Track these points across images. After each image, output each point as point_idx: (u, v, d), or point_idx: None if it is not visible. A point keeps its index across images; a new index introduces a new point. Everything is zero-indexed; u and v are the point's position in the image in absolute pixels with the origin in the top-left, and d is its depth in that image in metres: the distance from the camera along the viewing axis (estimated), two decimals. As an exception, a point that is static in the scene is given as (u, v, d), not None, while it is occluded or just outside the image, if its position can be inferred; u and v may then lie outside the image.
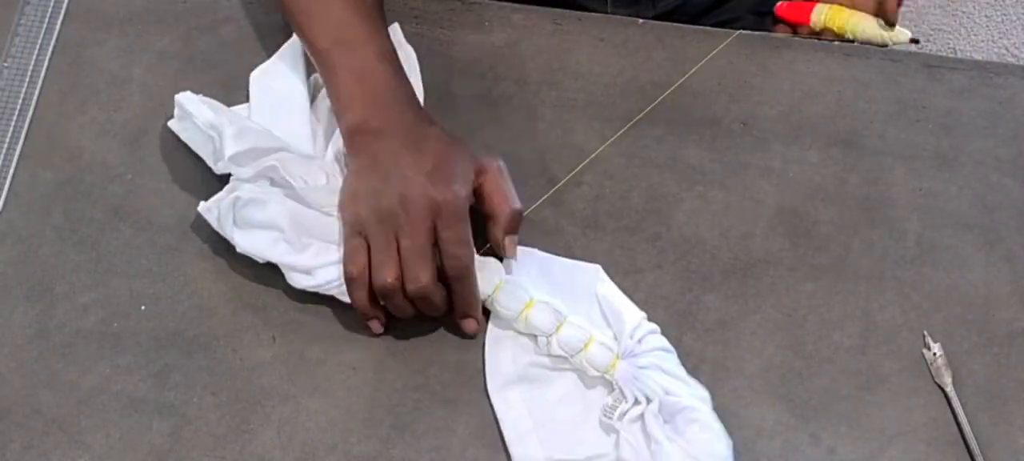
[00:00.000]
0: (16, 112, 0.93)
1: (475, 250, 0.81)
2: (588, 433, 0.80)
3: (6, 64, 0.95)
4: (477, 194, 0.82)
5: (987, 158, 0.92)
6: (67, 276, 0.86)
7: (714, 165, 0.91)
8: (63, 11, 0.98)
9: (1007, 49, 1.86)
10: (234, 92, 0.94)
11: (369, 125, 0.83)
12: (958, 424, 0.81)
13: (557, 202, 0.89)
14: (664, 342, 0.82)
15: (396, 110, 0.84)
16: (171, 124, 0.91)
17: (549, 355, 0.81)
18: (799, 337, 0.85)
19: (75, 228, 0.88)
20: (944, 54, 1.82)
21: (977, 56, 1.85)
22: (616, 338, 0.81)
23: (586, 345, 0.80)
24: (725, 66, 0.95)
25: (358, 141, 0.83)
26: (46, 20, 0.98)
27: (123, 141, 0.92)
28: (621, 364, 0.79)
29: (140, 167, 0.91)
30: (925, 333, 0.85)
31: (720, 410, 0.82)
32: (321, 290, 0.83)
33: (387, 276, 0.79)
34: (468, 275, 0.80)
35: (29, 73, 0.95)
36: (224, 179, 0.87)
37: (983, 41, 1.86)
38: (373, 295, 0.81)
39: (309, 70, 0.93)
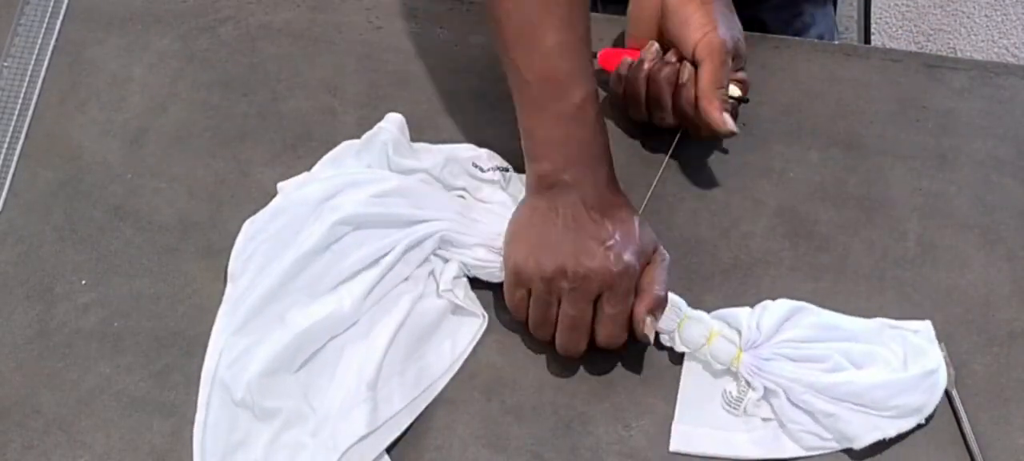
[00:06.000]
0: (16, 112, 0.93)
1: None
2: None
3: (6, 64, 0.95)
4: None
5: (987, 158, 0.92)
6: (67, 276, 0.86)
7: (714, 165, 0.91)
8: (63, 11, 0.98)
9: (1007, 49, 1.86)
10: (233, 92, 0.95)
11: (561, 177, 0.80)
12: (958, 424, 0.81)
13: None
14: (785, 310, 0.81)
15: (591, 168, 0.81)
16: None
17: (677, 349, 0.82)
18: (799, 337, 0.85)
19: (75, 228, 0.88)
20: (944, 54, 1.82)
21: (977, 56, 1.85)
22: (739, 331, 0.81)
23: (708, 339, 0.80)
24: (725, 66, 0.95)
25: (545, 186, 0.81)
26: (46, 20, 0.98)
27: (123, 141, 0.92)
28: (745, 356, 0.80)
29: (140, 167, 0.91)
30: (925, 333, 0.85)
31: (720, 410, 0.82)
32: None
33: (542, 336, 0.81)
34: (616, 346, 0.81)
35: (29, 73, 0.95)
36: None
37: (983, 41, 1.86)
38: None
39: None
